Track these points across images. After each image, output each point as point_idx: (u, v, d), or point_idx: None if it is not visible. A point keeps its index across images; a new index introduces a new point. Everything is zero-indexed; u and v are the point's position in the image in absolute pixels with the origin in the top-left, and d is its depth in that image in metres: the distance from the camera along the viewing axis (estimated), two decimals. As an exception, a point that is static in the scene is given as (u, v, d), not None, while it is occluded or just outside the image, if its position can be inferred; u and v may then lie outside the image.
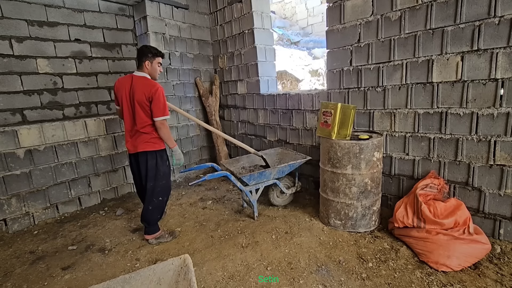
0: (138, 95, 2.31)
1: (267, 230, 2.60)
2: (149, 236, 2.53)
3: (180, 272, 1.29)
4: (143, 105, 2.32)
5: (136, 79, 2.37)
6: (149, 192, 2.47)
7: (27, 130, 2.92)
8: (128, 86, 2.37)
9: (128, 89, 2.37)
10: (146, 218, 2.50)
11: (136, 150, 2.43)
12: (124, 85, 2.40)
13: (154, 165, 2.44)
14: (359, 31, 2.70)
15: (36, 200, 3.01)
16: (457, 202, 2.17)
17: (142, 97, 2.30)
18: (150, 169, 2.43)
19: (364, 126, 2.86)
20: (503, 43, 1.99)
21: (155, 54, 2.42)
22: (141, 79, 2.37)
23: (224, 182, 4.03)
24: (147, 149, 2.41)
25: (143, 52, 2.39)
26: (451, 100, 2.28)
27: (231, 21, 4.12)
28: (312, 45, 8.02)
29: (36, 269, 2.26)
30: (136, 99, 2.31)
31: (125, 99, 2.38)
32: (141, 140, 2.40)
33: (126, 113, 2.41)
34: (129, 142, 2.47)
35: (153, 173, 2.44)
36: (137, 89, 2.33)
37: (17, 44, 3.17)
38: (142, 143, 2.40)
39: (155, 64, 2.43)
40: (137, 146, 2.42)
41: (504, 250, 2.09)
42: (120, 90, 2.41)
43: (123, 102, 2.39)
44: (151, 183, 2.46)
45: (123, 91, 2.39)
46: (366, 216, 2.46)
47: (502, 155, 2.11)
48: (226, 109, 4.62)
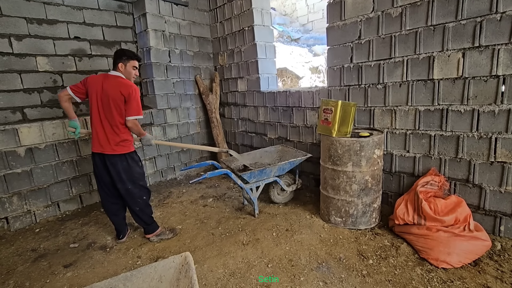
0: (112, 92, 2.22)
1: (268, 228, 2.61)
2: (150, 235, 2.53)
3: (181, 270, 1.30)
4: (117, 103, 2.23)
5: (111, 78, 2.28)
6: (129, 195, 2.39)
7: (27, 128, 2.92)
8: (100, 84, 2.26)
9: (100, 87, 2.25)
10: (141, 219, 2.48)
11: (104, 151, 2.28)
12: (97, 82, 2.27)
13: (126, 167, 2.34)
14: (360, 28, 2.69)
15: (37, 198, 3.02)
16: (457, 199, 2.17)
17: (117, 94, 2.22)
18: (123, 172, 2.33)
19: (365, 123, 2.85)
20: (505, 40, 1.98)
21: (130, 57, 2.34)
22: (116, 78, 2.28)
23: (225, 179, 4.03)
24: (117, 152, 2.29)
25: (117, 54, 2.33)
26: (452, 97, 2.27)
27: (231, 18, 4.10)
28: (313, 42, 7.98)
29: (38, 267, 2.27)
30: (110, 97, 2.22)
31: (95, 96, 2.25)
32: (111, 141, 2.27)
33: (95, 110, 2.27)
34: (97, 141, 2.29)
35: (127, 176, 2.34)
36: (112, 86, 2.23)
37: (17, 42, 3.16)
38: (112, 145, 2.28)
39: (129, 67, 2.34)
40: (106, 147, 2.28)
41: (505, 247, 2.10)
42: (92, 85, 2.27)
43: (93, 99, 2.26)
44: (127, 185, 2.36)
45: (94, 88, 2.26)
46: (366, 213, 2.47)
47: (503, 152, 2.10)
48: (227, 106, 4.61)
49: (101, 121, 2.27)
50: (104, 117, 2.27)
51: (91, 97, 2.29)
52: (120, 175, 2.33)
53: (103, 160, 2.33)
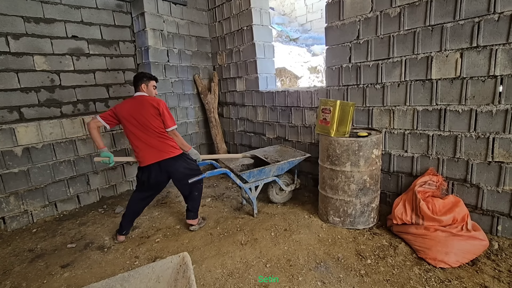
0: (147, 109, 2.39)
1: (266, 227, 2.61)
2: (192, 221, 2.68)
3: (179, 270, 1.29)
4: (153, 115, 2.41)
5: (138, 98, 2.46)
6: (192, 185, 2.56)
7: (24, 128, 2.90)
8: (131, 106, 2.42)
9: (132, 109, 2.40)
10: (195, 203, 2.67)
11: (161, 157, 2.43)
12: (127, 106, 2.42)
13: (184, 166, 2.53)
14: (358, 28, 2.69)
15: (34, 198, 3.01)
16: (455, 199, 2.18)
17: (150, 108, 2.40)
18: (183, 171, 2.52)
19: (363, 123, 2.85)
20: (503, 40, 1.99)
21: (149, 78, 2.55)
22: (144, 97, 2.47)
23: (223, 179, 4.03)
24: (173, 155, 2.48)
25: (138, 77, 2.52)
26: (450, 97, 2.27)
27: (229, 18, 4.09)
28: (311, 42, 7.98)
29: (35, 267, 2.26)
30: (146, 112, 2.39)
31: (131, 118, 2.39)
32: (165, 147, 2.44)
33: (137, 130, 2.41)
34: (148, 154, 2.43)
35: (184, 174, 2.52)
36: (144, 104, 2.41)
37: (14, 41, 3.14)
38: (168, 149, 2.45)
39: (150, 86, 2.55)
40: (164, 153, 2.44)
41: (502, 246, 2.10)
42: (124, 111, 2.41)
43: (130, 121, 2.40)
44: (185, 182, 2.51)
45: (126, 112, 2.40)
46: (365, 213, 2.47)
47: (501, 152, 2.11)
48: (225, 106, 4.61)
49: (146, 134, 2.42)
50: (148, 131, 2.41)
51: (127, 121, 2.41)
52: (183, 173, 2.51)
53: (160, 167, 2.46)
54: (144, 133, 2.41)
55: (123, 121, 2.42)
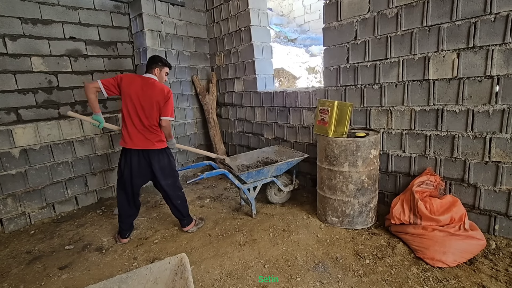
0: (156, 95, 2.38)
1: (265, 228, 2.61)
2: (188, 227, 2.66)
3: (177, 271, 1.29)
4: (160, 105, 2.40)
5: (151, 81, 2.42)
6: (170, 189, 2.54)
7: (22, 129, 2.89)
8: (139, 85, 2.38)
9: (140, 88, 2.37)
10: (181, 212, 2.61)
11: (149, 146, 2.42)
12: (135, 82, 2.38)
13: (168, 162, 2.53)
14: (356, 28, 2.70)
15: (32, 199, 3.00)
16: (453, 198, 2.18)
17: (159, 97, 2.39)
18: (166, 167, 2.51)
19: (361, 123, 2.86)
20: (499, 40, 2.00)
21: (165, 64, 2.55)
22: (155, 82, 2.44)
23: (222, 180, 4.02)
24: (160, 147, 2.47)
25: (154, 60, 2.49)
26: (447, 97, 2.28)
27: (227, 18, 4.10)
28: (309, 42, 7.99)
29: (33, 269, 2.25)
30: (154, 99, 2.37)
31: (135, 96, 2.36)
32: (152, 138, 2.42)
33: (133, 109, 2.37)
34: (135, 138, 2.39)
35: (168, 170, 2.52)
36: (155, 89, 2.39)
37: (11, 42, 3.13)
38: (154, 142, 2.43)
39: (163, 72, 2.54)
40: (150, 143, 2.42)
41: (499, 245, 2.11)
42: (129, 85, 2.37)
43: (132, 98, 2.36)
44: (168, 180, 2.53)
45: (133, 88, 2.36)
46: (363, 213, 2.47)
47: (498, 152, 2.12)
48: (223, 107, 4.61)
49: (140, 120, 2.39)
50: (144, 117, 2.38)
51: (129, 96, 2.37)
52: (164, 170, 2.50)
53: (143, 156, 2.44)
54: (141, 118, 2.37)
55: (126, 97, 2.37)
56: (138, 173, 2.46)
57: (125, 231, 2.56)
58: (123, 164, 2.47)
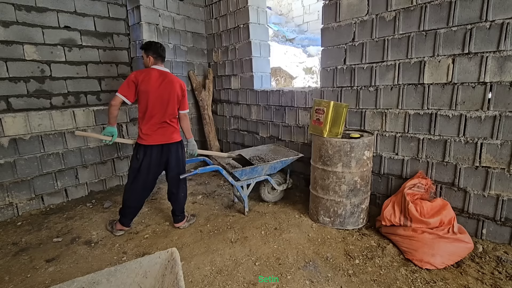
0: (176, 88, 2.43)
1: (257, 226, 2.61)
2: (180, 223, 2.65)
3: (167, 266, 1.28)
4: (179, 98, 2.48)
5: (167, 74, 2.43)
6: (180, 180, 2.56)
7: (12, 118, 2.83)
8: (158, 80, 2.36)
9: (158, 83, 2.36)
10: (181, 205, 2.62)
11: (169, 140, 2.46)
12: (152, 78, 2.34)
13: (181, 154, 2.57)
14: (354, 30, 2.71)
15: (20, 190, 2.93)
16: (443, 202, 2.22)
17: (179, 91, 2.46)
18: (180, 158, 2.56)
19: (356, 125, 2.88)
20: (493, 47, 2.03)
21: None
22: (171, 75, 2.46)
23: (215, 176, 4.01)
24: (178, 139, 2.54)
25: (164, 50, 2.49)
26: (441, 102, 2.31)
27: (226, 15, 4.07)
28: (307, 43, 8.01)
29: (19, 261, 2.21)
30: (175, 93, 2.42)
31: (154, 92, 2.34)
32: (171, 131, 2.47)
33: (155, 105, 2.36)
34: (156, 134, 2.41)
35: (179, 162, 2.57)
36: (174, 84, 2.42)
37: (3, 29, 3.06)
38: (173, 134, 2.49)
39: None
40: (169, 136, 2.46)
41: (486, 249, 2.15)
42: (147, 83, 2.33)
43: (153, 95, 2.34)
44: (179, 170, 2.56)
45: (152, 84, 2.33)
46: (354, 214, 2.49)
47: (488, 157, 2.16)
48: (219, 103, 4.58)
49: (162, 115, 2.41)
50: (166, 112, 2.42)
51: (147, 93, 2.34)
52: (179, 161, 2.55)
53: (162, 150, 2.47)
54: (162, 113, 2.40)
55: (143, 94, 2.34)
56: (156, 166, 2.48)
57: (129, 221, 2.57)
58: (141, 159, 2.42)
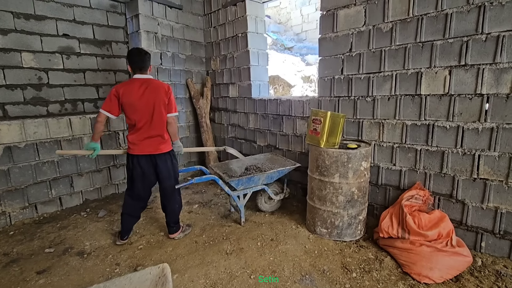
0: (161, 94, 2.36)
1: (253, 237, 2.57)
2: (175, 234, 2.60)
3: (158, 282, 1.24)
4: (165, 103, 2.39)
5: (150, 82, 2.37)
6: (172, 192, 2.54)
7: (7, 126, 2.80)
8: (140, 90, 2.31)
9: (141, 93, 2.30)
10: (175, 216, 2.58)
11: (157, 151, 2.40)
12: (133, 89, 2.30)
13: (171, 164, 2.52)
14: (351, 41, 2.72)
15: (13, 199, 2.89)
16: (441, 214, 2.19)
17: (164, 96, 2.38)
18: (170, 169, 2.51)
19: (353, 134, 2.87)
20: (489, 60, 2.04)
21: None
22: (154, 81, 2.41)
23: (212, 185, 3.97)
24: (167, 150, 2.48)
25: (149, 57, 2.44)
26: (438, 113, 2.31)
27: (225, 24, 4.10)
28: (306, 51, 8.07)
29: (9, 273, 2.16)
30: (161, 99, 2.36)
31: (141, 102, 2.30)
32: (159, 142, 2.41)
33: (140, 116, 2.32)
34: (143, 144, 2.37)
35: (172, 172, 2.52)
36: (156, 89, 2.35)
37: (1, 37, 3.06)
38: (161, 145, 2.42)
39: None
40: (156, 147, 2.40)
41: (485, 263, 2.12)
42: (129, 95, 2.29)
43: (136, 107, 2.30)
44: (170, 182, 2.51)
45: (134, 95, 2.29)
46: (352, 225, 2.46)
47: (486, 169, 2.14)
48: (217, 111, 4.58)
49: (150, 124, 2.36)
50: (154, 120, 2.36)
51: (131, 105, 2.30)
52: (169, 172, 2.50)
53: (152, 161, 2.43)
54: (149, 123, 2.35)
55: (127, 107, 2.30)
56: (147, 176, 2.45)
57: (125, 232, 2.54)
58: (131, 168, 2.43)
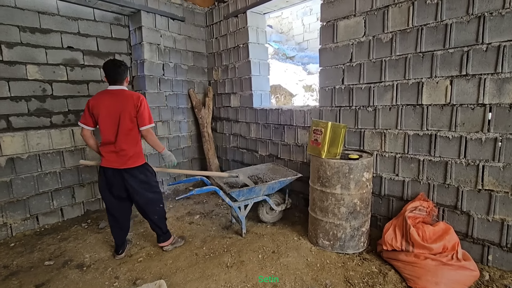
0: (128, 105, 2.26)
1: (254, 249, 2.53)
2: (164, 243, 2.57)
3: (155, 299, 1.22)
4: (132, 115, 2.28)
5: (118, 92, 2.32)
6: (147, 205, 2.45)
7: (10, 137, 2.83)
8: (109, 101, 2.27)
9: (108, 104, 2.27)
10: (159, 226, 2.53)
11: (124, 165, 2.31)
12: (102, 100, 2.28)
13: (144, 178, 2.41)
14: (351, 51, 2.73)
15: (15, 210, 2.89)
16: (445, 226, 2.14)
17: (131, 107, 2.27)
18: (142, 183, 2.40)
19: (355, 144, 2.85)
20: (491, 70, 2.02)
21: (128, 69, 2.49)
22: (124, 91, 2.33)
23: (213, 196, 3.95)
24: (136, 164, 2.35)
25: (126, 69, 2.41)
26: (441, 123, 2.29)
27: (226, 35, 4.15)
28: (307, 61, 8.12)
29: (8, 286, 2.14)
30: (127, 110, 2.26)
31: (107, 114, 2.26)
32: (128, 157, 2.31)
33: (108, 128, 2.28)
34: (112, 157, 2.30)
35: (146, 186, 2.42)
36: (124, 100, 2.27)
37: (7, 50, 3.12)
38: (129, 160, 2.31)
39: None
40: (125, 161, 2.30)
41: (493, 277, 2.06)
42: (98, 106, 2.26)
43: (105, 117, 2.26)
44: (147, 196, 2.42)
45: (102, 107, 2.26)
46: (354, 237, 2.42)
47: (490, 180, 2.10)
48: (219, 121, 4.59)
49: (117, 136, 2.27)
50: (121, 132, 2.27)
51: (99, 116, 2.27)
52: (141, 187, 2.39)
53: (120, 175, 2.34)
54: (114, 136, 2.27)
55: (97, 118, 2.27)
56: (117, 190, 2.38)
57: (119, 247, 2.50)
58: (99, 179, 2.41)
